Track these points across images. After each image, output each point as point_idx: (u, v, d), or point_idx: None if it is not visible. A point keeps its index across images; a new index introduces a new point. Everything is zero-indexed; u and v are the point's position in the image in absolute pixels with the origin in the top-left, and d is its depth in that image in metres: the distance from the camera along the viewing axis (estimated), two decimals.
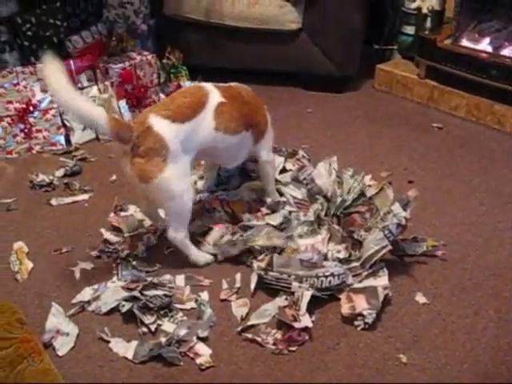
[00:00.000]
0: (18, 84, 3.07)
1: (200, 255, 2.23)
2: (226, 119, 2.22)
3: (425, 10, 3.68)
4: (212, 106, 2.19)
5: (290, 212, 2.39)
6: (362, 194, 2.42)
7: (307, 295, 1.97)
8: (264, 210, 2.41)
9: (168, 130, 2.06)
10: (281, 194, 2.51)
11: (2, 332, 1.70)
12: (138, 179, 2.05)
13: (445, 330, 1.97)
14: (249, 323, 1.95)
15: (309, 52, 3.62)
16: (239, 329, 1.93)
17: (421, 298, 2.09)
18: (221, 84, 2.35)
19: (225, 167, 2.57)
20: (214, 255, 2.26)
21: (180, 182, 2.09)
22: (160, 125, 2.05)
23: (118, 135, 2.02)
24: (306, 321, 1.91)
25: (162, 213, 2.33)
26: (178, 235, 2.17)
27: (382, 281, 2.09)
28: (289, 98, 3.62)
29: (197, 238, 2.31)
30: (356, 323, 1.97)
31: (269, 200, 2.45)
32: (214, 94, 2.23)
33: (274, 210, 2.40)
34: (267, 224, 2.29)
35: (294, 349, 1.88)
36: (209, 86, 2.27)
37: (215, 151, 2.27)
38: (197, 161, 2.42)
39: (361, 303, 2.00)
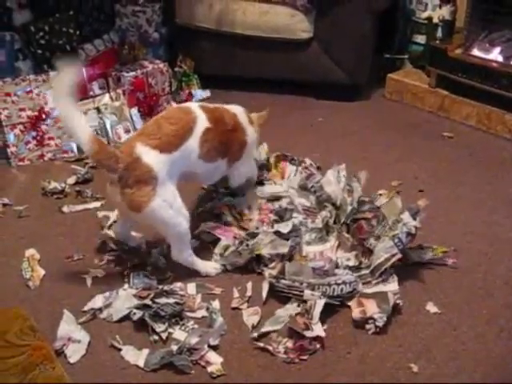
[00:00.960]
0: (30, 92, 3.09)
1: (209, 266, 2.24)
2: (208, 148, 2.23)
3: (436, 20, 3.69)
4: (198, 132, 2.19)
5: (298, 219, 2.40)
6: (369, 201, 2.42)
7: (320, 304, 1.97)
8: (272, 216, 2.41)
9: (156, 161, 2.06)
10: (290, 203, 2.50)
11: (14, 339, 1.71)
12: (129, 209, 2.07)
13: (456, 339, 1.96)
14: (263, 330, 1.95)
15: (320, 61, 3.63)
16: (255, 335, 1.93)
17: (432, 308, 2.09)
18: (206, 104, 2.39)
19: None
20: (223, 265, 2.26)
21: (170, 207, 2.09)
22: (148, 156, 2.05)
23: (102, 163, 2.03)
24: (318, 330, 1.91)
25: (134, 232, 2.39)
26: (182, 255, 2.18)
27: (391, 287, 2.10)
28: (300, 107, 3.64)
29: (206, 246, 2.33)
30: (367, 327, 1.98)
31: (276, 206, 2.45)
32: (201, 118, 2.22)
33: (281, 216, 2.41)
34: (277, 232, 2.30)
35: (305, 357, 1.87)
36: (197, 110, 2.25)
37: (193, 175, 2.28)
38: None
39: (371, 307, 2.01)
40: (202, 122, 2.22)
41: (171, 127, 2.14)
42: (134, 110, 3.29)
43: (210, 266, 2.24)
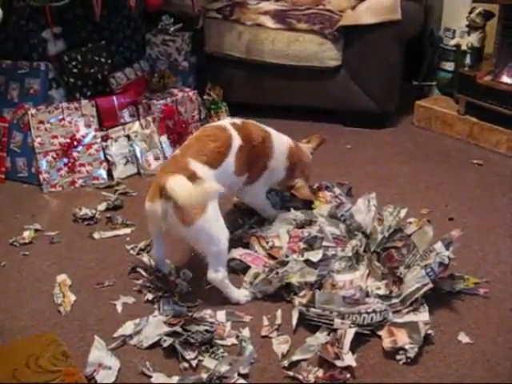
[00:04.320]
0: (63, 119, 3.16)
1: (241, 294, 2.24)
2: (241, 163, 2.36)
3: (464, 47, 3.69)
4: (234, 149, 2.32)
5: (328, 247, 2.39)
6: (399, 229, 2.40)
7: (351, 333, 1.95)
8: (301, 244, 2.41)
9: (208, 175, 2.18)
10: (320, 231, 2.50)
11: (47, 364, 1.72)
12: (181, 223, 2.10)
13: (489, 370, 1.93)
14: (293, 358, 1.94)
15: (348, 88, 3.64)
16: (285, 364, 1.92)
17: (464, 338, 2.06)
18: (235, 121, 2.46)
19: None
20: (253, 293, 2.26)
21: (217, 222, 2.17)
22: (202, 170, 2.17)
23: None
24: (349, 359, 1.89)
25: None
26: (218, 275, 2.18)
27: (422, 316, 2.08)
28: (328, 134, 3.61)
29: (236, 276, 2.33)
30: (398, 357, 1.96)
31: (306, 234, 2.44)
32: (235, 136, 2.35)
33: (311, 244, 2.40)
34: (307, 260, 2.29)
35: None
36: (230, 128, 2.37)
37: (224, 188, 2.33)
38: None
39: (402, 337, 1.99)
40: (236, 140, 2.34)
41: (213, 144, 2.26)
42: (164, 138, 3.33)
43: (242, 294, 2.24)
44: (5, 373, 1.70)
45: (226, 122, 2.48)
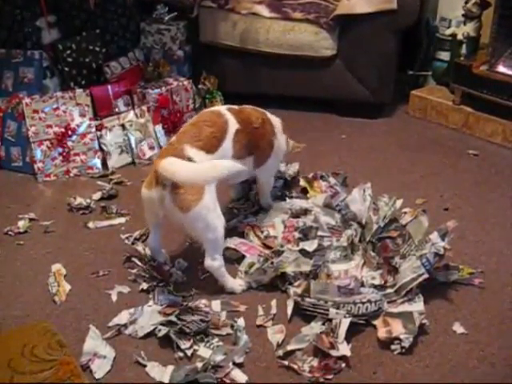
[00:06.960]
0: (57, 109, 3.14)
1: (236, 283, 2.24)
2: (240, 147, 2.34)
3: (460, 37, 3.68)
4: (231, 134, 2.31)
5: (323, 237, 2.39)
6: (394, 219, 2.41)
7: (345, 323, 1.96)
8: (296, 234, 2.41)
9: (204, 161, 2.15)
10: (315, 221, 2.50)
11: (42, 354, 1.72)
12: (178, 209, 2.10)
13: (484, 360, 1.93)
14: (288, 348, 1.94)
15: (343, 78, 3.63)
16: (279, 353, 1.92)
17: (458, 328, 2.06)
18: (232, 106, 2.46)
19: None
20: (248, 282, 2.26)
21: (214, 209, 2.16)
22: (198, 157, 2.15)
23: None
24: (343, 349, 1.90)
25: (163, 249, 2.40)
26: (215, 263, 2.18)
27: (417, 307, 2.07)
28: (323, 124, 3.64)
29: (231, 265, 2.33)
30: (393, 347, 1.96)
31: (301, 224, 2.44)
32: (231, 121, 2.33)
33: (306, 234, 2.41)
34: (302, 250, 2.29)
35: (330, 377, 1.86)
36: (226, 113, 2.36)
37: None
38: None
39: (397, 327, 1.99)
40: (233, 124, 2.33)
41: (209, 129, 2.25)
42: (159, 127, 3.32)
43: (237, 283, 2.24)
44: (0, 362, 1.70)
45: (223, 107, 2.46)
